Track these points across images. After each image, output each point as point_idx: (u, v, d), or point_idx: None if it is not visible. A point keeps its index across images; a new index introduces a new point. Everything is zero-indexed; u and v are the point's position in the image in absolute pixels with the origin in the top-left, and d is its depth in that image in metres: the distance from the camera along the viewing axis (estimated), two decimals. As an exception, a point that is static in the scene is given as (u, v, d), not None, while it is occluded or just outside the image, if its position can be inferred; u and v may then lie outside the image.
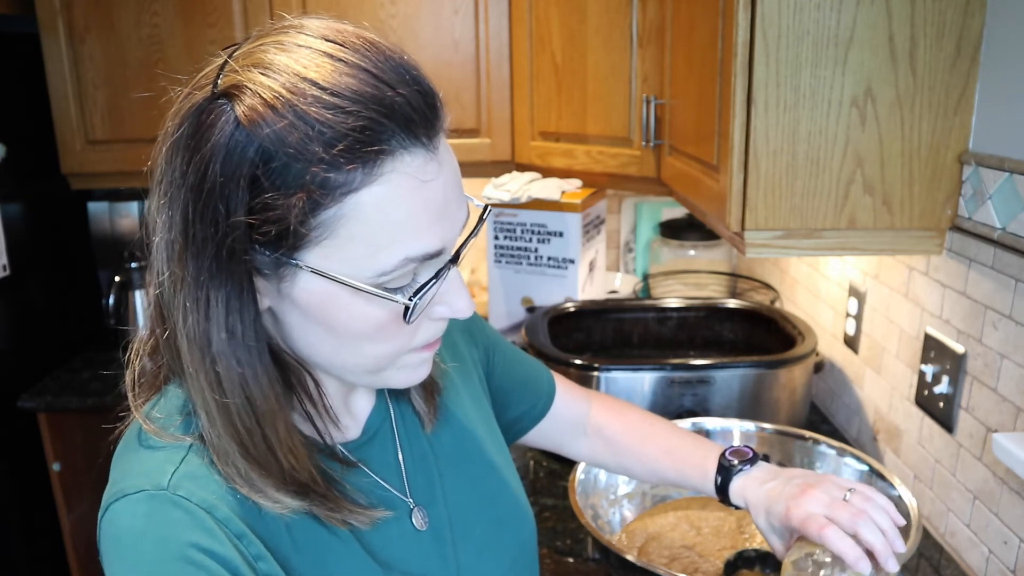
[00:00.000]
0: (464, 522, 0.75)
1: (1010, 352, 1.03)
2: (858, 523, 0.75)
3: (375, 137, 0.53)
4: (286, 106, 0.53)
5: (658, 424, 1.00)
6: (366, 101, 0.53)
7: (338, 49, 0.55)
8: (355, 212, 0.54)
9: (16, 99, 2.02)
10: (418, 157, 0.56)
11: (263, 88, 0.54)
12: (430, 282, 0.59)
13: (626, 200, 2.42)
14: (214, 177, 0.54)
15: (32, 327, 2.08)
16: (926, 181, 1.10)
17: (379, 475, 0.71)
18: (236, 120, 0.53)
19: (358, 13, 1.96)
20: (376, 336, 0.60)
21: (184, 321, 0.57)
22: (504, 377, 0.93)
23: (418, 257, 0.57)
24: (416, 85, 0.56)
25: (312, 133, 0.52)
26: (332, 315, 0.59)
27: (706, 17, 1.21)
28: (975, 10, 1.04)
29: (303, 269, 0.56)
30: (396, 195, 0.55)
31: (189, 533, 0.57)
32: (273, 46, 0.56)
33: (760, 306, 1.73)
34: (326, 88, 0.53)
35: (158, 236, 0.58)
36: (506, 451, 0.87)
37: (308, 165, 0.53)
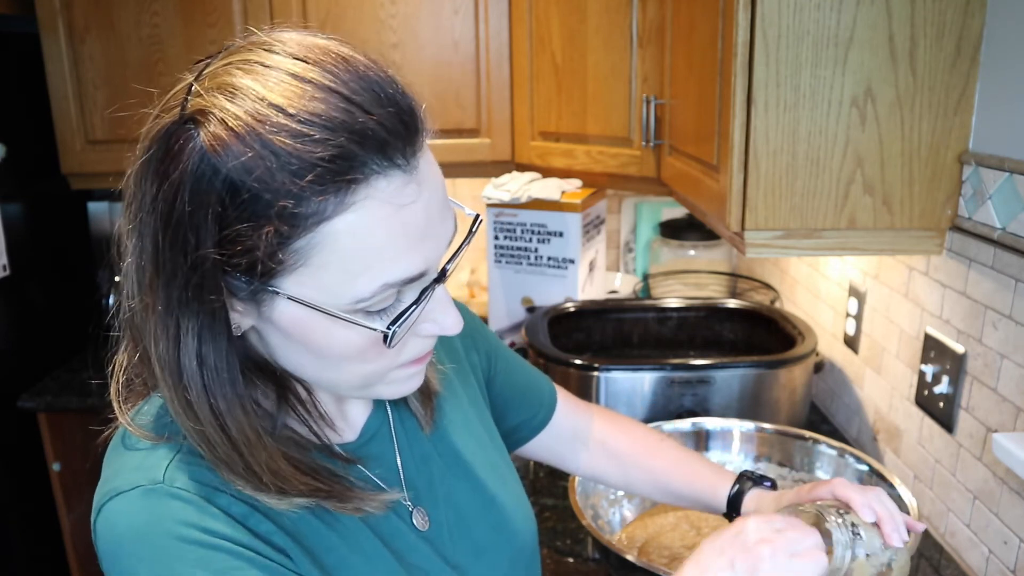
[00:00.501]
0: (463, 524, 0.75)
1: (1010, 352, 1.03)
2: (868, 491, 0.76)
3: (346, 165, 0.51)
4: (252, 135, 0.51)
5: (665, 439, 1.00)
6: (336, 127, 0.51)
7: (308, 69, 0.53)
8: (328, 241, 0.53)
9: (16, 99, 2.02)
10: (394, 181, 0.53)
11: (228, 115, 0.52)
12: (410, 307, 0.57)
13: (626, 200, 2.42)
14: (182, 207, 0.52)
15: (32, 327, 2.08)
16: (926, 181, 1.10)
17: (376, 474, 0.71)
18: (202, 148, 0.52)
19: (358, 13, 1.96)
20: (359, 359, 0.59)
21: (155, 348, 0.57)
22: (505, 384, 0.92)
23: (398, 282, 0.56)
24: (392, 105, 0.53)
25: (279, 164, 0.51)
26: (313, 340, 0.58)
27: (706, 17, 1.21)
28: (975, 10, 1.04)
29: (280, 295, 0.55)
30: (371, 222, 0.53)
31: (195, 519, 0.56)
32: (240, 66, 0.54)
33: (760, 306, 1.73)
34: (293, 115, 0.51)
35: (129, 259, 0.58)
36: (506, 453, 0.87)
37: (276, 197, 0.51)
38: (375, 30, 1.97)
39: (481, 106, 2.03)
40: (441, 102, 2.02)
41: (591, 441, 0.99)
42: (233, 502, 0.59)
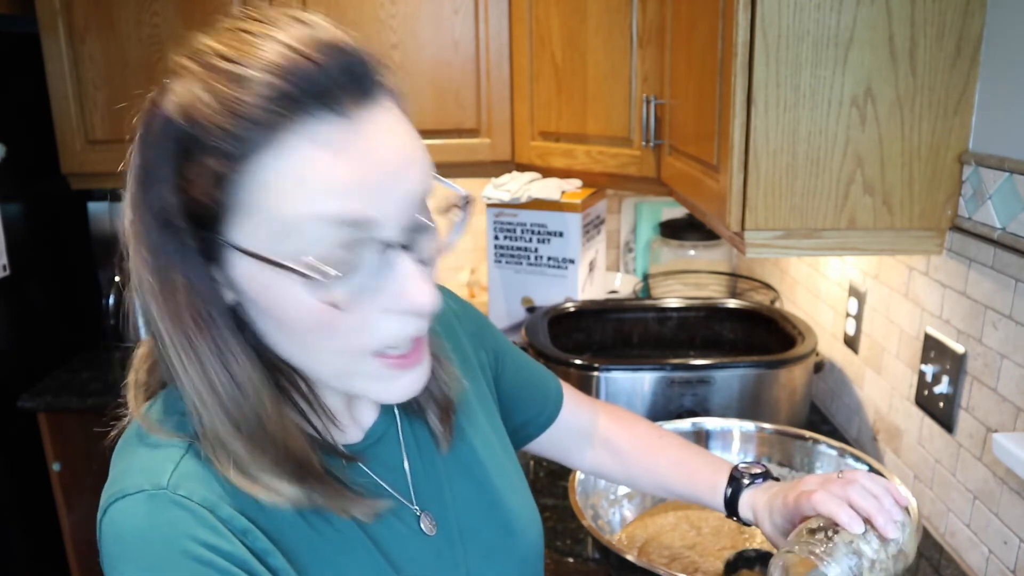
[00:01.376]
0: (472, 527, 0.75)
1: (1010, 352, 1.03)
2: (849, 489, 0.74)
3: (277, 104, 0.52)
4: (200, 84, 0.54)
5: (667, 436, 0.99)
6: (272, 71, 0.53)
7: (263, 27, 0.56)
8: (259, 181, 0.54)
9: (16, 99, 2.02)
10: (328, 125, 0.54)
11: (185, 71, 0.56)
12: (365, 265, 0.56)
13: (626, 200, 2.42)
14: (147, 161, 0.57)
15: (32, 327, 2.08)
16: (926, 181, 1.10)
17: (380, 477, 0.70)
18: (163, 106, 0.56)
19: (358, 13, 1.96)
20: (322, 327, 0.57)
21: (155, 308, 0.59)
22: (512, 382, 0.92)
23: (332, 218, 0.53)
24: (339, 56, 0.55)
25: (217, 105, 0.53)
26: (270, 302, 0.57)
27: (706, 17, 1.21)
28: (975, 10, 1.04)
29: (225, 245, 0.56)
30: (300, 158, 0.53)
31: (193, 531, 0.56)
32: (209, 34, 0.58)
33: (760, 306, 1.73)
34: (237, 62, 0.54)
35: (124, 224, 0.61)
36: (513, 455, 0.86)
37: (214, 140, 0.53)
38: (375, 30, 1.97)
39: (481, 106, 2.03)
40: (441, 102, 2.02)
41: (595, 438, 1.00)
42: (235, 516, 0.59)
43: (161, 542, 0.56)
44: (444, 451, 0.75)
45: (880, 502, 0.73)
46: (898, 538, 0.72)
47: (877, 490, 0.75)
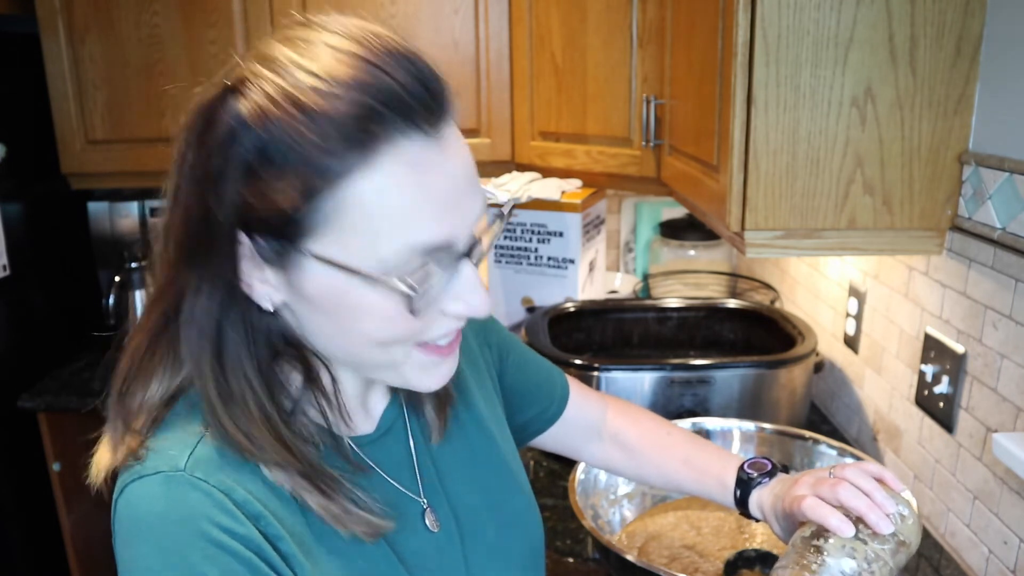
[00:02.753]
0: (474, 524, 0.75)
1: (1010, 352, 1.03)
2: (838, 490, 0.74)
3: (370, 124, 0.53)
4: (283, 96, 0.54)
5: (675, 432, 0.99)
6: (361, 88, 0.53)
7: (340, 40, 0.56)
8: (352, 199, 0.54)
9: (16, 99, 2.02)
10: (417, 144, 0.55)
11: (263, 80, 0.55)
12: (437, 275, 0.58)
13: (626, 200, 2.42)
14: (217, 167, 0.55)
15: (32, 327, 2.08)
16: (926, 181, 1.10)
17: (391, 474, 0.71)
18: (237, 111, 0.55)
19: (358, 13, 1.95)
20: (385, 328, 0.60)
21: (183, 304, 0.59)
22: (517, 379, 0.92)
23: (422, 247, 0.56)
24: (418, 74, 0.55)
25: (306, 121, 0.53)
26: (341, 306, 0.59)
27: (706, 17, 1.21)
28: (975, 10, 1.04)
29: (306, 256, 0.57)
30: (394, 182, 0.54)
31: (210, 513, 0.57)
32: (280, 40, 0.57)
33: (760, 306, 1.73)
34: (321, 77, 0.54)
35: (161, 220, 0.60)
36: (516, 451, 0.87)
37: (302, 154, 0.53)
38: (375, 30, 1.96)
39: (481, 106, 2.03)
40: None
41: (604, 433, 1.00)
42: (249, 500, 0.60)
43: (178, 523, 0.56)
44: (436, 442, 0.75)
45: (872, 497, 0.73)
46: (895, 530, 0.71)
47: (867, 485, 0.74)
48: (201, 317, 0.59)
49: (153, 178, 2.35)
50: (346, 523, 0.63)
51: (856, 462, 0.80)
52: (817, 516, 0.73)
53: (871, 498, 0.73)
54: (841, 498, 0.73)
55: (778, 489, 0.85)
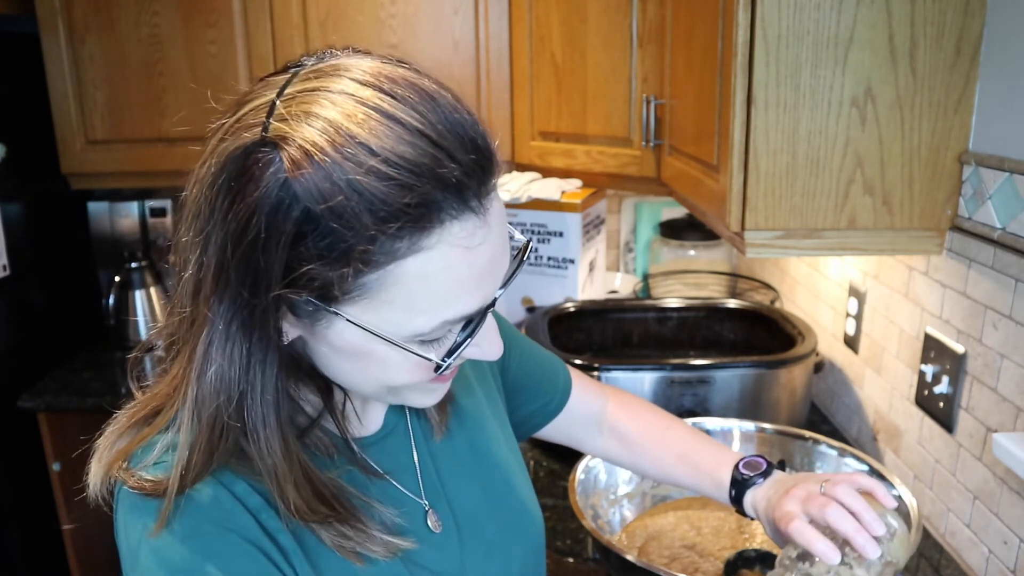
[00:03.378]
0: (474, 523, 0.75)
1: (1010, 352, 1.03)
2: (826, 512, 0.73)
3: (426, 211, 0.52)
4: (337, 171, 0.50)
5: (674, 427, 0.99)
6: (421, 173, 0.51)
7: (395, 106, 0.52)
8: (397, 280, 0.53)
9: (16, 99, 2.02)
10: (468, 224, 0.54)
11: (313, 147, 0.51)
12: (465, 341, 0.59)
13: (626, 200, 2.42)
14: (257, 229, 0.52)
15: (32, 327, 2.08)
16: (926, 181, 1.10)
17: (393, 475, 0.71)
18: (284, 175, 0.51)
19: (358, 13, 1.96)
20: (403, 377, 0.61)
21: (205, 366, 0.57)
22: (519, 373, 0.92)
23: (457, 320, 0.57)
24: (474, 150, 0.54)
25: (362, 204, 0.51)
26: (365, 360, 0.59)
27: (706, 17, 1.21)
28: (975, 10, 1.04)
29: (341, 318, 0.56)
30: (441, 265, 0.54)
31: (208, 505, 0.58)
32: (325, 94, 0.53)
33: (760, 306, 1.73)
34: (381, 156, 0.51)
35: (187, 273, 0.57)
36: (517, 450, 0.87)
37: (355, 237, 0.51)
38: (375, 30, 1.96)
39: (481, 106, 2.03)
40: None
41: (604, 425, 1.00)
42: (249, 492, 0.60)
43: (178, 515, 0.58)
44: (438, 439, 0.76)
45: (860, 518, 0.72)
46: (881, 553, 0.71)
47: (857, 505, 0.73)
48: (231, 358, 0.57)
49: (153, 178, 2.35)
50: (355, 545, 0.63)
51: (847, 474, 0.79)
52: (803, 541, 0.72)
53: (860, 519, 0.72)
54: (829, 520, 0.73)
55: (771, 493, 0.85)
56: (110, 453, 0.62)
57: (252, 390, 0.58)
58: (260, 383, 0.57)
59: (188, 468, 0.58)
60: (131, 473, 0.59)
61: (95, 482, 0.61)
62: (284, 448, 0.59)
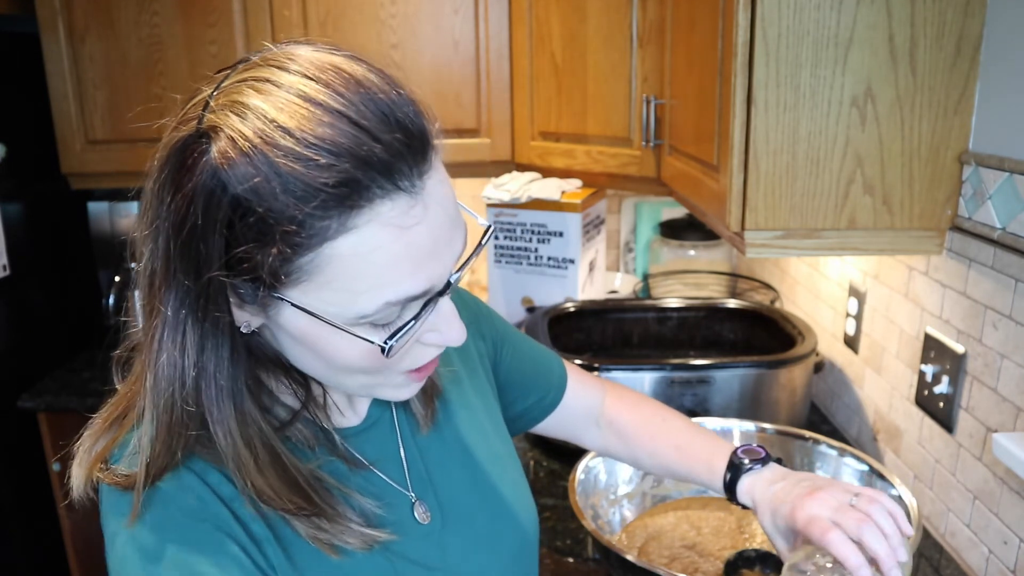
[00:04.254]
0: (463, 515, 0.75)
1: (1010, 352, 1.03)
2: (863, 529, 0.73)
3: (349, 191, 0.52)
4: (259, 156, 0.52)
5: (671, 419, 0.99)
6: (341, 153, 0.52)
7: (318, 90, 0.53)
8: (331, 260, 0.54)
9: (16, 99, 2.02)
10: (399, 203, 0.54)
11: (237, 134, 0.53)
12: (410, 322, 0.58)
13: (626, 200, 2.42)
14: (194, 219, 0.54)
15: (32, 327, 2.08)
16: (926, 181, 1.10)
17: (379, 467, 0.71)
18: (213, 165, 0.53)
19: (358, 13, 1.96)
20: (363, 365, 0.61)
21: (158, 355, 0.58)
22: (513, 369, 0.92)
23: (400, 301, 0.57)
24: (400, 129, 0.54)
25: (283, 187, 0.51)
26: (318, 345, 0.59)
27: (706, 17, 1.21)
28: (975, 10, 1.04)
29: (285, 302, 0.57)
30: (374, 244, 0.54)
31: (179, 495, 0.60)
32: (252, 84, 0.55)
33: (760, 306, 1.73)
34: (299, 138, 0.52)
35: (141, 264, 0.59)
36: (510, 444, 0.87)
37: (280, 219, 0.52)
38: (375, 30, 1.96)
39: (481, 106, 2.03)
40: (441, 102, 2.02)
41: (601, 420, 1.01)
42: (223, 481, 0.61)
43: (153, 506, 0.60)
44: (425, 433, 0.76)
45: (889, 541, 0.73)
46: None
47: (888, 528, 0.74)
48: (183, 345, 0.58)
49: (153, 178, 2.29)
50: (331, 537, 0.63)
51: (878, 492, 0.78)
52: (840, 554, 0.72)
53: (889, 541, 0.73)
54: (865, 538, 0.73)
55: (779, 487, 0.84)
56: (89, 457, 0.63)
57: (205, 375, 0.59)
58: (213, 368, 0.59)
59: (152, 458, 0.59)
60: (110, 471, 0.61)
61: (78, 485, 0.63)
62: (243, 434, 0.60)
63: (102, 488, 0.62)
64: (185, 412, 0.59)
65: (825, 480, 0.82)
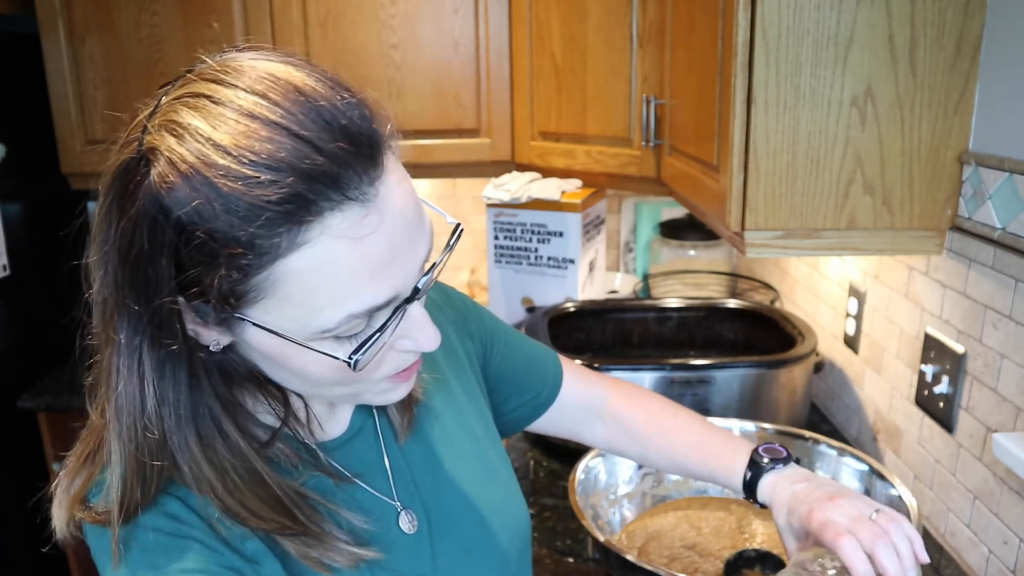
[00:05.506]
0: (451, 521, 0.74)
1: (1010, 352, 1.03)
2: (877, 543, 0.72)
3: (295, 208, 0.50)
4: (198, 178, 0.50)
5: (682, 415, 0.97)
6: (282, 168, 0.49)
7: (256, 103, 0.51)
8: (286, 276, 0.52)
9: (16, 99, 2.02)
10: (351, 214, 0.52)
11: (177, 156, 0.51)
12: (374, 334, 0.56)
13: (626, 200, 2.42)
14: (139, 245, 0.52)
15: (32, 327, 2.08)
16: (926, 181, 1.10)
17: (364, 478, 0.70)
18: (155, 189, 0.51)
19: (358, 13, 1.96)
20: (336, 378, 0.59)
21: (116, 385, 0.57)
22: (504, 367, 0.90)
23: (363, 312, 0.55)
24: (345, 137, 0.51)
25: (225, 208, 0.49)
26: (286, 362, 0.58)
27: (706, 17, 1.21)
28: (975, 10, 1.04)
29: (246, 322, 0.55)
30: (328, 257, 0.52)
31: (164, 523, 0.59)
32: (187, 101, 0.53)
33: (760, 306, 1.73)
34: (237, 156, 0.50)
35: (94, 291, 0.58)
36: (500, 446, 0.86)
37: (226, 241, 0.50)
38: (375, 30, 1.97)
39: (481, 106, 2.03)
40: (441, 102, 2.02)
41: (606, 415, 0.97)
42: (207, 503, 0.60)
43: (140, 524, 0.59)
44: (402, 442, 0.75)
45: (902, 562, 0.72)
46: None
47: (904, 550, 0.73)
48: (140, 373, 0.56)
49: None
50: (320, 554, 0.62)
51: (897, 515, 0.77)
52: (849, 561, 0.72)
53: (902, 563, 0.72)
54: (878, 553, 0.72)
55: (800, 488, 0.82)
56: (67, 497, 0.62)
57: (164, 402, 0.57)
58: (172, 394, 0.57)
59: (125, 492, 0.58)
60: (90, 510, 0.60)
61: (60, 527, 0.61)
62: (207, 457, 0.59)
63: (86, 527, 0.60)
64: (149, 440, 0.57)
65: (848, 489, 0.81)
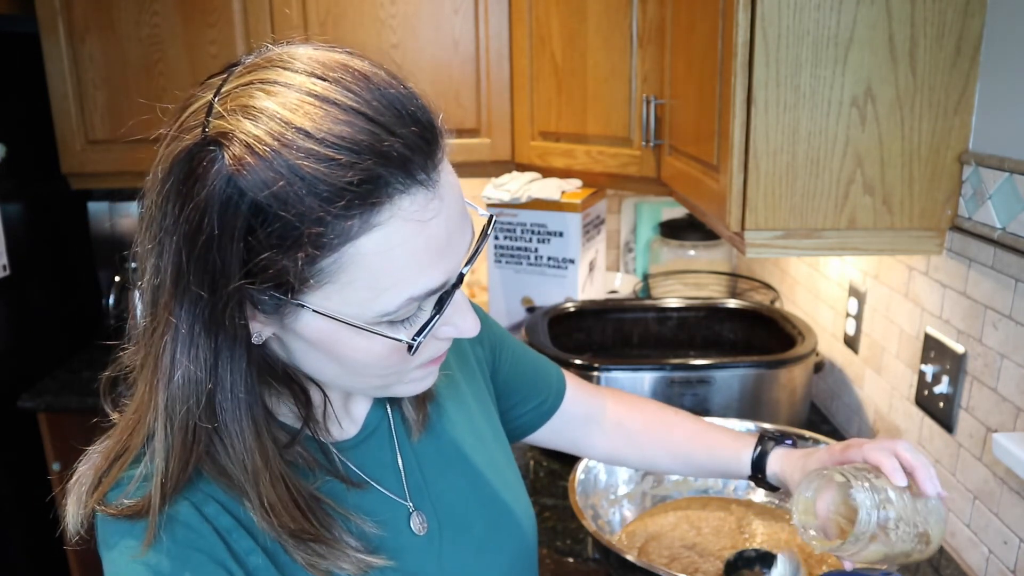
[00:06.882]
0: (461, 523, 0.75)
1: (1010, 352, 1.03)
2: (898, 444, 0.76)
3: (372, 188, 0.52)
4: (278, 159, 0.51)
5: (681, 413, 1.00)
6: (361, 150, 0.51)
7: (328, 88, 0.53)
8: (354, 259, 0.53)
9: (16, 99, 2.02)
10: (418, 198, 0.54)
11: (252, 139, 0.51)
12: (433, 316, 0.58)
13: (626, 200, 2.42)
14: (209, 229, 0.52)
15: (32, 327, 2.08)
16: (926, 181, 1.10)
17: (376, 478, 0.71)
18: (228, 172, 0.51)
19: (358, 13, 1.96)
20: (381, 365, 0.60)
21: (170, 373, 0.56)
22: (510, 374, 0.92)
23: (421, 295, 0.56)
24: (414, 122, 0.54)
25: (307, 189, 0.51)
26: (337, 349, 0.59)
27: (706, 17, 1.21)
28: (975, 10, 1.04)
29: (306, 308, 0.56)
30: (396, 240, 0.54)
31: (176, 528, 0.58)
32: (260, 87, 0.53)
33: (760, 306, 1.73)
34: (318, 138, 0.51)
35: (144, 280, 0.57)
36: (508, 449, 0.87)
37: (304, 222, 0.51)
38: (375, 30, 1.97)
39: (481, 106, 2.03)
40: (441, 102, 1.99)
41: (606, 423, 0.99)
42: (220, 512, 0.60)
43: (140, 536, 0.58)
44: (416, 439, 0.76)
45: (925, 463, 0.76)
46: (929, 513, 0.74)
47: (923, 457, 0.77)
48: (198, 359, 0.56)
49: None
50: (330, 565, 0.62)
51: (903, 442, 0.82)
52: (876, 458, 0.75)
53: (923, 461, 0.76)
54: (899, 451, 0.76)
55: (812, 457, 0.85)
56: (88, 493, 0.62)
57: (222, 387, 0.57)
58: (229, 380, 0.57)
59: (167, 477, 0.58)
60: (114, 505, 0.60)
61: (74, 522, 0.61)
62: (258, 444, 0.59)
63: (98, 518, 0.60)
64: (198, 429, 0.58)
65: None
